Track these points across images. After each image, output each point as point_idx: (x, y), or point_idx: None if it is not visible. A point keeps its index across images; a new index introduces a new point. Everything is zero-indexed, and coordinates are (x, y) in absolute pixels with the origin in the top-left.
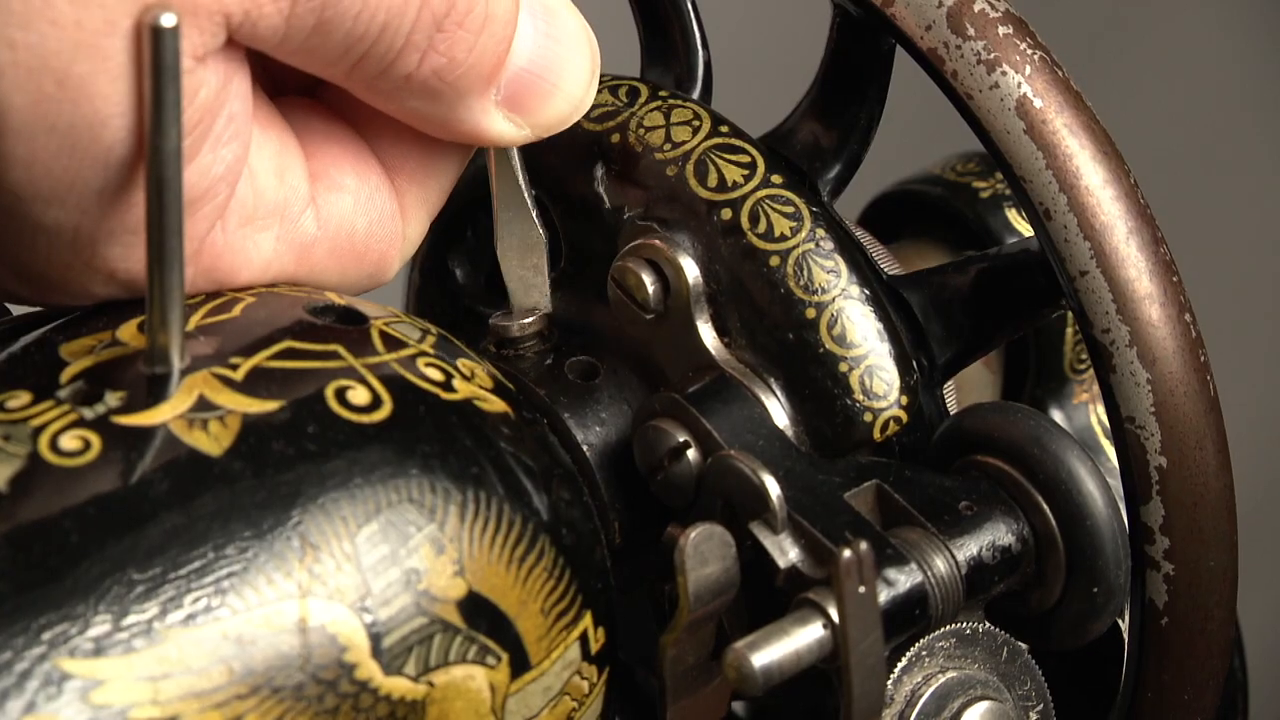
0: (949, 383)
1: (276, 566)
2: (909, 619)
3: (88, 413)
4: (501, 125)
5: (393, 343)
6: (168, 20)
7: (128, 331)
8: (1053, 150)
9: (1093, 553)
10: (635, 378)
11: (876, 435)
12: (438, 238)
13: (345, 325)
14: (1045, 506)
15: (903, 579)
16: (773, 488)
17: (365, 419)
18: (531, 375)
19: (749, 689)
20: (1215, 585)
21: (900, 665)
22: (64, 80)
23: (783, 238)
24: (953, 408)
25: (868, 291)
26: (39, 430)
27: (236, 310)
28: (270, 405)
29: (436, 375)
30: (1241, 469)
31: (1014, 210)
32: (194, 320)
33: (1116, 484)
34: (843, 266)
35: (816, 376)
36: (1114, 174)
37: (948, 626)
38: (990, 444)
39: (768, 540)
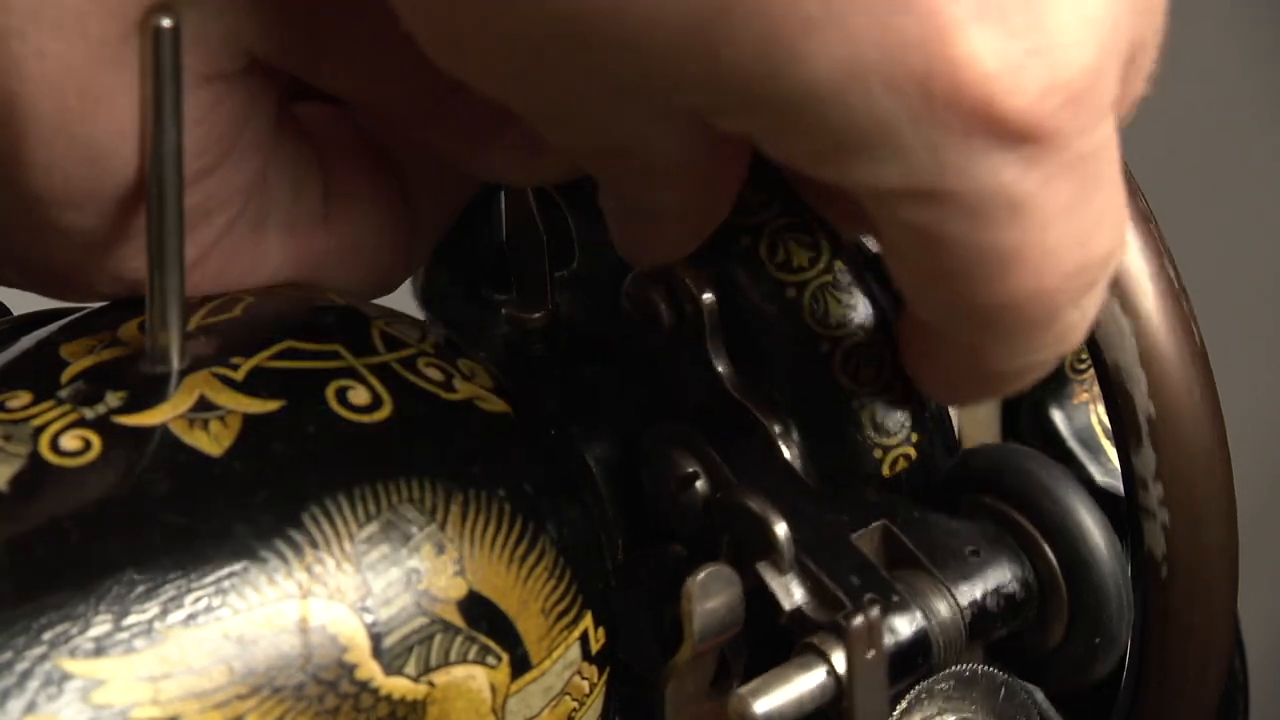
0: None
1: (277, 567)
2: (912, 666)
3: (88, 412)
4: None
5: (393, 343)
6: (167, 20)
7: (128, 331)
8: None
9: (1096, 604)
10: (644, 390)
11: (885, 472)
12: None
13: (346, 325)
14: (1050, 554)
15: (907, 627)
16: (781, 530)
17: (366, 419)
18: (540, 382)
19: None
20: (1215, 533)
21: (900, 709)
22: (86, 91)
23: (800, 269)
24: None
25: (884, 327)
26: (39, 430)
27: (237, 310)
28: (271, 405)
29: (437, 375)
30: (1242, 469)
31: None
32: (194, 320)
33: (1117, 483)
34: (859, 301)
35: (828, 412)
36: None
37: (947, 669)
38: (998, 488)
39: (774, 581)
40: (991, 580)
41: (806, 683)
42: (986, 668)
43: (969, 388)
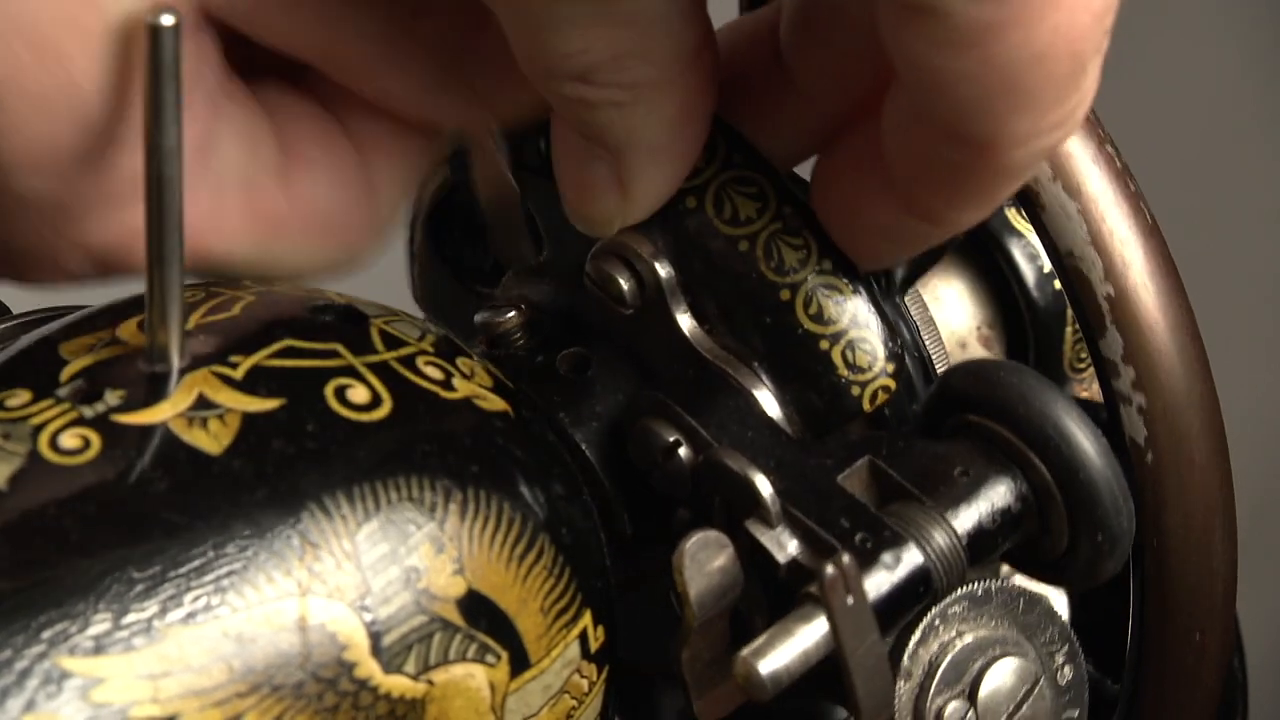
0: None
1: (276, 565)
2: (914, 598)
3: (87, 411)
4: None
5: (392, 341)
6: (167, 19)
7: (127, 330)
8: None
9: (1091, 503)
10: (627, 366)
11: (866, 406)
12: (429, 224)
13: (345, 324)
14: (1039, 462)
15: (903, 561)
16: (763, 486)
17: (365, 417)
18: (525, 374)
19: (760, 696)
20: (1194, 413)
21: (914, 639)
22: (40, 46)
23: (749, 220)
24: None
25: (841, 263)
26: (39, 428)
27: (236, 309)
28: (270, 403)
29: (436, 374)
30: (1241, 470)
31: (1013, 209)
32: (194, 319)
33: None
34: (812, 243)
35: (799, 357)
36: None
37: (958, 590)
38: (978, 404)
39: (764, 537)
40: (985, 499)
41: (809, 634)
42: (999, 581)
43: (966, 198)
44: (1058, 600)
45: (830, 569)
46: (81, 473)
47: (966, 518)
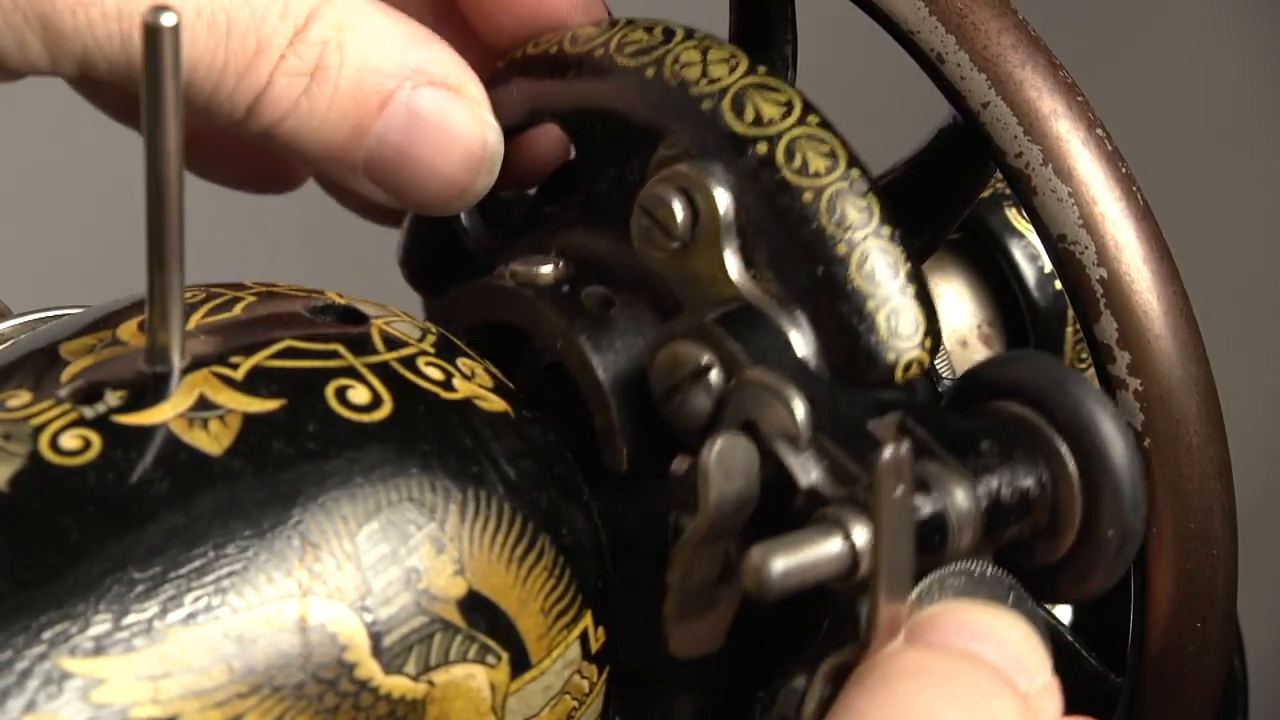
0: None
1: (277, 565)
2: (929, 545)
3: (88, 412)
4: (362, 184)
5: (393, 342)
6: (168, 20)
7: (128, 331)
8: None
9: (1112, 493)
10: (650, 312)
11: (898, 375)
12: None
13: (345, 324)
14: (1064, 450)
15: (925, 505)
16: (799, 406)
17: (365, 418)
18: (548, 299)
19: (766, 593)
20: (1190, 397)
21: (910, 597)
22: None
23: (817, 174)
24: None
25: (898, 233)
26: (39, 429)
27: (237, 309)
28: (270, 404)
29: (436, 375)
30: (1241, 470)
31: (1014, 209)
32: (194, 319)
33: None
34: (875, 207)
35: (843, 312)
36: (1000, 9)
37: (958, 564)
38: (1011, 389)
39: (790, 458)
40: (1007, 474)
41: (823, 549)
42: (996, 570)
43: None
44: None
45: (890, 450)
46: (82, 473)
47: (988, 486)
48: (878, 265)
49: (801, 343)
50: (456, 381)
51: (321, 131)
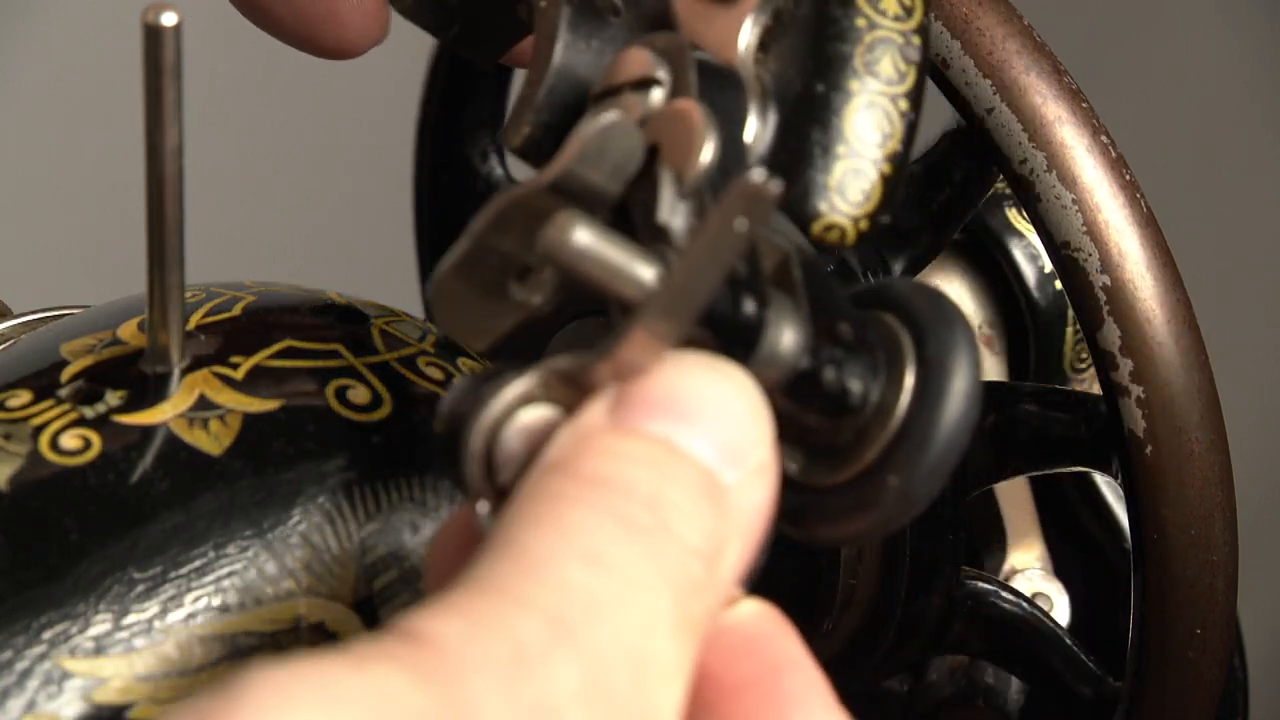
0: None
1: (277, 565)
2: (730, 328)
3: (88, 411)
4: None
5: (393, 342)
6: (168, 19)
7: (128, 330)
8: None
9: (920, 441)
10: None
11: (815, 228)
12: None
13: (345, 324)
14: (908, 383)
15: (749, 304)
16: (709, 152)
17: (365, 418)
18: None
19: (555, 256)
20: (1192, 404)
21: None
22: None
23: (884, 12)
24: None
25: (914, 114)
26: (39, 429)
27: (237, 309)
28: (271, 404)
29: (437, 374)
30: (1242, 470)
31: (1014, 210)
32: (194, 319)
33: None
34: (912, 77)
35: (811, 138)
36: (1005, 14)
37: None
38: (903, 306)
39: (666, 190)
40: (845, 360)
41: (633, 265)
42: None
43: None
44: (1058, 601)
45: (757, 174)
46: (82, 473)
47: (819, 357)
48: (873, 123)
49: (755, 138)
50: (457, 381)
51: None
